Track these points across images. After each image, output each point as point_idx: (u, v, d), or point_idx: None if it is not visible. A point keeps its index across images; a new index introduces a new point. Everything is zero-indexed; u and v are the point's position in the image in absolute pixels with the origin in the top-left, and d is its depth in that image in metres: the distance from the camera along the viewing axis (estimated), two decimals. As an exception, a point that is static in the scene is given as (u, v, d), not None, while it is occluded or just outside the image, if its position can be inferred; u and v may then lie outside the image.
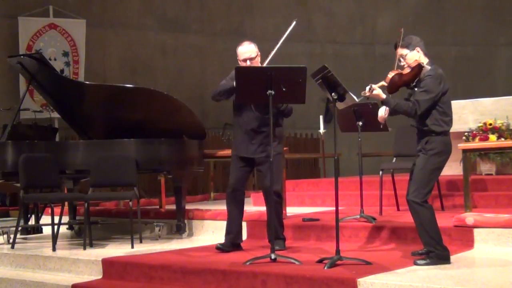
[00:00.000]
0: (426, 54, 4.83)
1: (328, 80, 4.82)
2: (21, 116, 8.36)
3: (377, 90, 4.75)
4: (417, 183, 4.71)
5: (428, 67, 4.76)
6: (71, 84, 7.35)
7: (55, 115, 8.58)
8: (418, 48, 4.81)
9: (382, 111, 4.99)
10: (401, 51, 4.83)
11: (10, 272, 6.00)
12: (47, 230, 7.30)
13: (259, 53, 5.62)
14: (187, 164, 6.96)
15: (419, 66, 4.74)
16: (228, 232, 5.69)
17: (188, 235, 6.86)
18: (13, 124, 6.84)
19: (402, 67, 4.85)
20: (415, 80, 4.77)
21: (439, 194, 6.74)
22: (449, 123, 4.78)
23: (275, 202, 5.41)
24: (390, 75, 4.81)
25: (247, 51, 5.57)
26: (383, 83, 4.80)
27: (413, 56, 4.79)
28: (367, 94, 4.79)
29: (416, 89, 4.78)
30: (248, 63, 5.53)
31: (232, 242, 5.65)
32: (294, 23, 5.45)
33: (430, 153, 4.71)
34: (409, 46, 4.81)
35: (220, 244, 5.65)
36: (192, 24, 12.95)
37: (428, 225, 4.68)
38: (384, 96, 4.75)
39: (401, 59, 4.84)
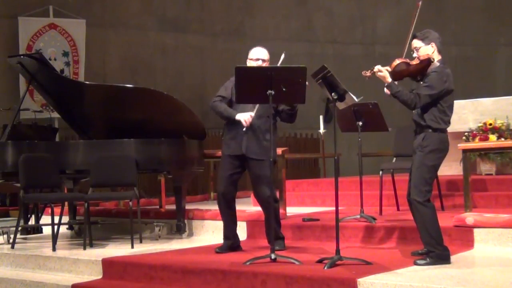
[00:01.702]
0: (440, 52, 4.81)
1: (328, 80, 4.82)
2: (21, 116, 8.34)
3: (383, 73, 4.74)
4: (417, 182, 4.71)
5: (437, 64, 4.76)
6: (71, 84, 7.35)
7: (55, 115, 8.58)
8: (433, 44, 4.79)
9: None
10: (416, 43, 4.82)
11: (10, 272, 5.99)
12: (47, 230, 7.29)
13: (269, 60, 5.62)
14: (187, 164, 6.95)
15: (428, 60, 4.74)
16: (225, 237, 5.70)
17: (188, 235, 6.86)
18: (13, 124, 6.84)
19: (413, 59, 4.84)
20: (422, 74, 4.77)
21: (439, 194, 6.74)
22: (447, 122, 4.79)
23: (273, 207, 5.37)
24: (396, 62, 4.80)
25: (262, 52, 5.57)
26: (387, 68, 4.78)
27: (426, 50, 4.78)
28: (368, 74, 4.78)
29: (421, 83, 4.79)
30: (260, 63, 5.51)
31: (230, 246, 5.64)
32: (283, 56, 5.43)
33: (426, 150, 4.71)
34: (425, 40, 4.80)
35: (218, 248, 5.65)
36: (192, 24, 12.95)
37: (430, 225, 4.68)
38: (389, 80, 4.74)
39: (414, 51, 4.83)
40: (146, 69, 12.26)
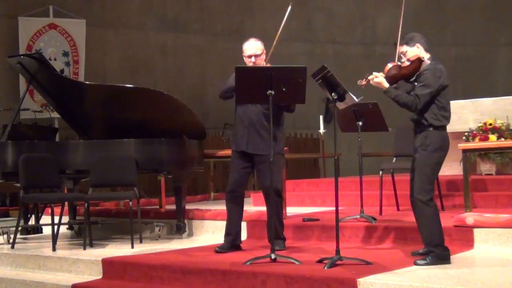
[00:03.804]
0: (427, 50, 4.83)
1: (328, 80, 4.82)
2: (21, 116, 8.35)
3: (379, 78, 4.76)
4: (421, 181, 4.70)
5: (428, 62, 4.77)
6: (71, 84, 7.35)
7: (55, 115, 8.58)
8: (418, 44, 4.82)
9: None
10: (401, 48, 4.86)
11: (10, 272, 5.99)
12: (47, 230, 7.29)
13: (264, 51, 5.60)
14: (187, 164, 6.95)
15: (419, 60, 4.75)
16: (227, 234, 5.67)
17: (188, 235, 6.86)
18: (13, 124, 6.83)
19: (402, 63, 4.86)
20: (415, 74, 4.78)
21: (439, 194, 6.74)
22: (448, 118, 4.79)
23: (275, 202, 5.40)
24: (388, 67, 4.82)
25: (253, 47, 5.56)
26: (381, 74, 4.80)
27: (413, 52, 4.81)
28: (363, 82, 4.81)
29: (416, 83, 4.79)
30: (253, 59, 5.51)
31: (231, 244, 5.63)
32: (290, 7, 5.42)
33: (430, 148, 4.71)
34: (410, 43, 4.83)
35: (219, 247, 5.63)
36: (192, 24, 12.96)
37: (432, 224, 4.67)
38: (387, 85, 4.76)
39: (402, 56, 4.86)
40: (146, 69, 12.26)
